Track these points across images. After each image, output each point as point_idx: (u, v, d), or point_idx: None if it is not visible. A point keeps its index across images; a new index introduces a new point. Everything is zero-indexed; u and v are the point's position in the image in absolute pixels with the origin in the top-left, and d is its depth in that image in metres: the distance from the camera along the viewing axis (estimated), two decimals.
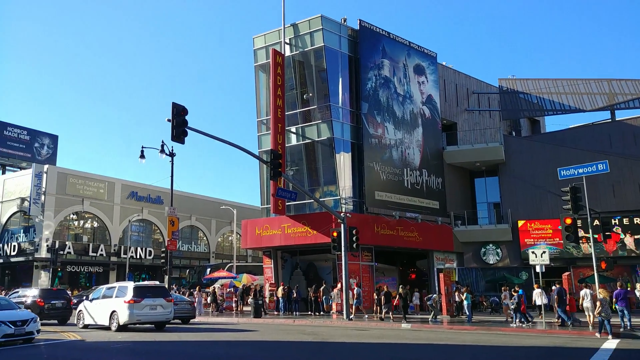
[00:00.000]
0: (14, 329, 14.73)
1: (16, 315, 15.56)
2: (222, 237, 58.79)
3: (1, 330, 14.52)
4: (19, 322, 15.02)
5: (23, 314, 15.94)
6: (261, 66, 32.90)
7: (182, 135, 18.99)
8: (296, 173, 31.49)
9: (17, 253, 42.36)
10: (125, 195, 48.04)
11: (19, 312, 16.26)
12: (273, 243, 30.17)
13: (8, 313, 15.57)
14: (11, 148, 53.57)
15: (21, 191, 43.35)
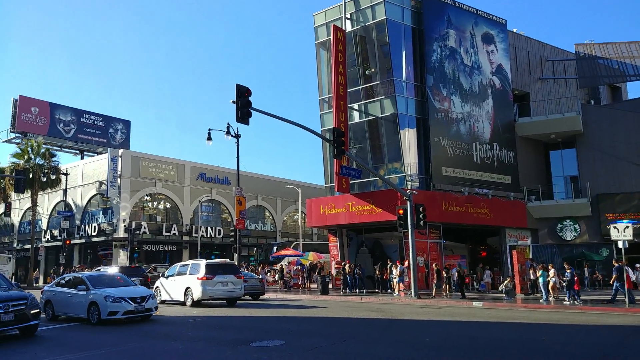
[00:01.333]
0: (134, 306, 14.78)
1: (135, 291, 15.53)
2: (288, 216, 59.62)
3: (122, 307, 14.61)
4: (139, 299, 15.02)
5: (141, 291, 15.89)
6: (322, 44, 32.54)
7: (246, 116, 19.14)
8: (360, 151, 31.11)
9: (97, 233, 44.94)
10: (194, 176, 49.62)
11: (136, 288, 16.18)
12: (338, 221, 30.11)
13: (127, 289, 15.55)
14: (88, 134, 56.66)
15: (99, 175, 45.75)
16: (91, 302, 14.93)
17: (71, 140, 55.49)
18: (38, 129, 52.53)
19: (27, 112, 52.18)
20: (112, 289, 15.37)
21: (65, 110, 55.47)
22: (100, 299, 14.79)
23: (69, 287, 16.11)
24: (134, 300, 14.88)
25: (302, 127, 21.82)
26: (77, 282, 15.93)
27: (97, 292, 15.02)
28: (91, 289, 15.25)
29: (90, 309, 14.94)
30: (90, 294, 15.09)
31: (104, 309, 14.61)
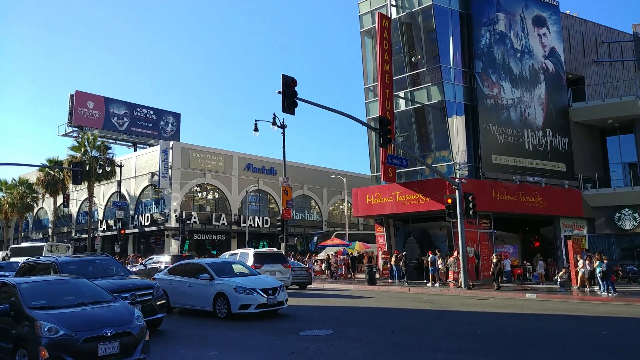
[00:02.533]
0: (267, 298, 13.27)
1: (265, 282, 14.10)
2: (334, 206, 59.70)
3: (254, 300, 13.07)
4: (270, 290, 13.51)
5: (271, 281, 14.42)
6: (367, 32, 32.19)
7: (292, 107, 19.19)
8: (406, 139, 30.69)
9: (150, 223, 46.45)
10: (242, 167, 50.38)
11: (265, 278, 14.84)
12: (384, 211, 29.89)
13: (255, 279, 14.11)
14: (140, 127, 58.49)
15: (151, 166, 47.18)
16: (218, 293, 13.39)
17: (125, 133, 57.45)
18: (94, 122, 54.63)
19: (83, 106, 54.31)
20: (239, 278, 13.94)
21: (119, 104, 57.43)
22: (229, 290, 13.24)
23: (187, 276, 14.53)
24: (266, 292, 13.34)
25: (348, 116, 21.71)
26: (198, 270, 14.36)
27: (225, 282, 13.50)
28: (216, 278, 13.72)
29: (217, 301, 13.42)
30: (216, 283, 13.55)
31: (234, 301, 13.06)
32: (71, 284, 9.18)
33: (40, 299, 8.24)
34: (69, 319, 7.72)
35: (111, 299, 8.85)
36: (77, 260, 13.07)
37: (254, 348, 9.82)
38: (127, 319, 8.04)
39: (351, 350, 9.32)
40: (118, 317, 8.05)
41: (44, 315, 7.69)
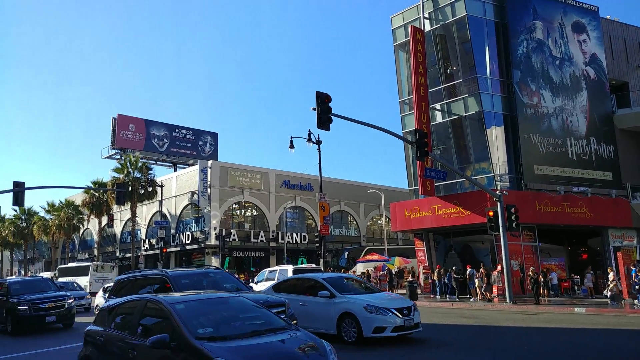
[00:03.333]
0: (403, 320, 11.36)
1: (394, 300, 12.31)
2: (372, 221, 59.28)
3: (390, 321, 11.20)
4: (405, 310, 11.59)
5: (401, 299, 12.55)
6: (400, 45, 32.13)
7: (327, 122, 19.21)
8: (444, 152, 30.29)
9: (190, 241, 47.21)
10: (278, 184, 50.76)
11: (391, 295, 13.41)
12: (424, 225, 29.45)
13: (381, 296, 12.37)
14: (180, 147, 59.85)
15: (190, 185, 48.10)
16: (344, 313, 11.50)
17: (165, 154, 58.88)
18: (135, 144, 56.25)
19: (125, 129, 56.04)
20: (364, 295, 12.17)
21: (159, 126, 58.99)
22: (358, 310, 11.28)
23: (298, 293, 12.67)
24: (401, 312, 11.44)
25: (383, 130, 21.60)
26: (313, 287, 12.54)
27: (351, 300, 11.70)
28: (337, 295, 11.93)
29: (343, 323, 11.50)
30: (339, 302, 11.71)
31: (366, 323, 11.10)
32: (231, 304, 6.98)
33: (205, 325, 6.14)
34: (255, 356, 5.53)
35: (284, 325, 6.53)
36: (189, 273, 11.72)
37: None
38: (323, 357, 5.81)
39: None
40: (316, 356, 5.77)
41: (221, 351, 5.50)
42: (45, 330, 16.68)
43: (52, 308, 16.72)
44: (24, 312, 16.19)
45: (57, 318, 16.78)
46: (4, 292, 17.31)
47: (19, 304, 16.28)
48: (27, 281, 19.87)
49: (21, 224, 68.06)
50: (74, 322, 17.62)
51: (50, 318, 16.60)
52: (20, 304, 16.30)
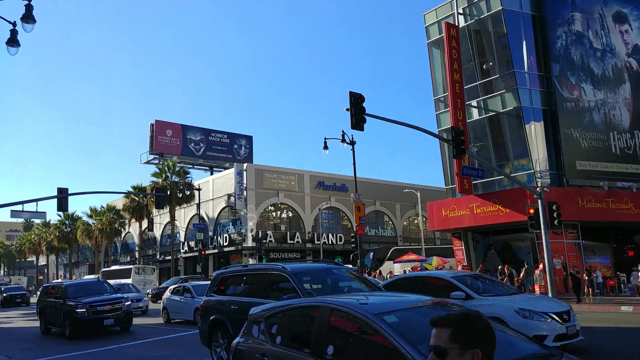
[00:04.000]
0: (565, 326, 9.46)
1: (548, 303, 10.48)
2: (408, 221, 58.74)
3: (551, 328, 9.31)
4: (565, 315, 9.68)
5: (553, 302, 10.66)
6: (434, 42, 31.76)
7: (361, 123, 19.09)
8: (481, 149, 29.75)
9: (228, 243, 47.85)
10: (313, 185, 50.89)
11: (543, 298, 11.92)
12: (462, 224, 28.98)
13: (532, 299, 10.83)
14: (215, 151, 60.80)
15: (226, 188, 48.77)
16: (490, 318, 7.08)
17: (201, 158, 59.93)
18: (172, 149, 57.43)
19: (163, 134, 57.28)
20: (509, 297, 10.50)
21: (195, 131, 60.07)
22: (508, 314, 9.27)
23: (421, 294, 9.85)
24: (561, 317, 9.51)
25: (418, 129, 21.34)
26: (440, 287, 10.60)
27: (496, 303, 9.86)
28: (476, 297, 10.11)
29: None
30: (480, 304, 9.52)
31: (523, 330, 8.41)
32: None
33: None
34: None
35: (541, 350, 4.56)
36: (311, 268, 10.07)
37: None
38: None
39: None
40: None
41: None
42: (103, 334, 16.53)
43: (110, 311, 16.46)
44: (82, 315, 15.90)
45: (115, 321, 16.51)
46: (61, 295, 17.10)
47: (76, 307, 16.00)
48: (83, 284, 19.53)
49: (65, 228, 70.50)
50: (131, 324, 17.38)
51: (109, 321, 16.32)
52: (78, 307, 16.00)
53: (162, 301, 20.99)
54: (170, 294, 20.36)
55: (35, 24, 13.93)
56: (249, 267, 11.06)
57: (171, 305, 19.81)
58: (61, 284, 18.69)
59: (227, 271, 10.98)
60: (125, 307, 16.91)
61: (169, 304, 20.04)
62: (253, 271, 10.41)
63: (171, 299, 20.03)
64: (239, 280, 10.42)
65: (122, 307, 16.76)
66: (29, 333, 19.26)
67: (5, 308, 38.92)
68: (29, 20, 13.84)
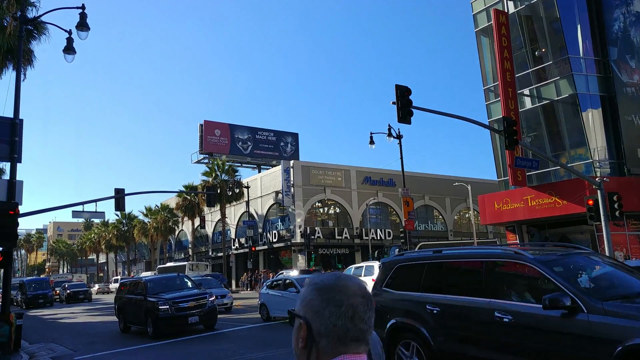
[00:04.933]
0: None
1: None
2: (459, 215, 57.62)
3: None
4: None
5: None
6: (482, 31, 30.87)
7: (407, 116, 18.81)
8: (535, 139, 28.72)
9: (277, 240, 48.42)
10: (360, 180, 50.70)
11: None
12: (516, 217, 28.09)
13: None
14: (262, 149, 61.60)
15: (274, 185, 49.32)
16: None
17: (249, 156, 60.87)
18: (221, 148, 58.58)
19: (211, 134, 58.52)
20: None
21: (243, 130, 61.05)
22: None
23: None
24: None
25: (468, 120, 20.82)
26: None
27: None
28: None
29: None
30: None
31: None
32: None
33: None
34: None
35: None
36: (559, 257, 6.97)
37: None
38: None
39: None
40: None
41: None
42: (188, 332, 15.54)
43: (194, 307, 15.26)
44: (164, 312, 14.80)
45: (199, 318, 15.39)
46: (141, 291, 16.08)
47: (159, 304, 14.91)
48: (164, 279, 17.99)
49: (123, 227, 73.35)
50: (216, 322, 16.27)
51: (193, 319, 15.17)
52: (160, 304, 14.90)
53: (259, 297, 19.60)
54: (269, 289, 18.77)
55: (89, 31, 14.47)
56: (450, 253, 8.15)
57: (271, 302, 18.00)
58: (140, 279, 17.87)
59: (409, 258, 8.56)
60: (210, 303, 15.81)
61: (268, 299, 18.34)
62: (461, 259, 7.86)
63: (271, 295, 18.35)
64: (431, 271, 7.87)
65: (207, 304, 15.64)
66: (92, 328, 20.14)
67: (69, 304, 40.89)
68: (84, 28, 14.39)
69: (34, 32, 20.98)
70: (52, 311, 33.17)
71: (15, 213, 12.93)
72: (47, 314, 30.22)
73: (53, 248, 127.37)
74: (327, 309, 1.47)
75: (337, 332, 1.46)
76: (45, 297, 39.72)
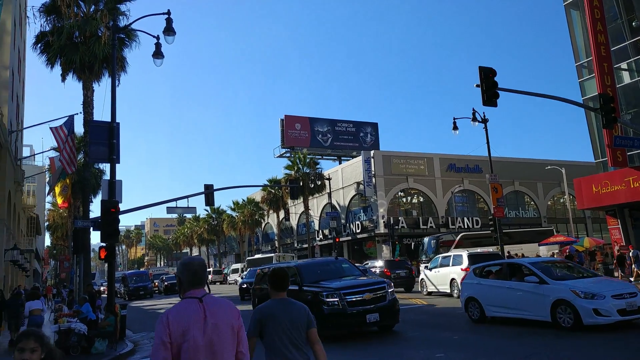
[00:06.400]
0: (625, 303, 10.46)
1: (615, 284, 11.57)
2: (552, 200, 54.57)
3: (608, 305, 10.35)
4: (627, 295, 10.59)
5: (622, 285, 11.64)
6: (572, 4, 28.84)
7: (493, 98, 18.04)
8: (636, 116, 26.46)
9: (360, 230, 48.45)
10: (444, 168, 49.43)
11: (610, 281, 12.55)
12: (616, 200, 26.09)
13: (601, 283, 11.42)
14: (342, 140, 61.79)
15: (355, 176, 49.31)
16: None
17: (329, 148, 61.32)
18: (302, 142, 59.48)
19: (292, 128, 59.56)
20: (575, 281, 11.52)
21: (322, 122, 61.59)
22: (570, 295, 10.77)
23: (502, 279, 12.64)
24: (620, 296, 10.57)
25: (560, 99, 19.55)
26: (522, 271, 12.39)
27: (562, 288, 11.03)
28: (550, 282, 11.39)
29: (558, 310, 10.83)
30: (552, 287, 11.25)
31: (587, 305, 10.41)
32: None
33: None
34: None
35: None
36: None
37: None
38: None
39: None
40: None
41: None
42: (360, 335, 11.85)
43: (371, 301, 11.26)
44: (332, 307, 11.00)
45: (379, 316, 11.29)
46: (294, 279, 12.12)
47: (324, 295, 11.19)
48: (319, 263, 14.11)
49: (213, 222, 76.79)
50: (397, 321, 12.14)
51: (372, 316, 11.11)
52: (326, 295, 11.17)
53: (461, 287, 14.98)
54: (478, 277, 13.43)
55: (175, 35, 15.17)
56: None
57: (486, 294, 12.73)
58: (289, 264, 14.10)
59: None
60: (390, 295, 11.73)
61: (481, 291, 12.97)
62: None
63: (483, 285, 13.01)
64: None
65: (386, 296, 11.58)
66: None
67: (167, 295, 43.54)
68: (170, 33, 15.11)
69: (125, 39, 22.40)
70: (152, 302, 35.46)
71: (116, 210, 13.90)
72: (148, 305, 32.32)
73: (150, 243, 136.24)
74: (184, 271, 3.27)
75: (188, 280, 3.25)
76: (146, 289, 42.49)
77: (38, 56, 23.34)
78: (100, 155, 14.76)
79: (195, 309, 3.09)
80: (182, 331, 3.00)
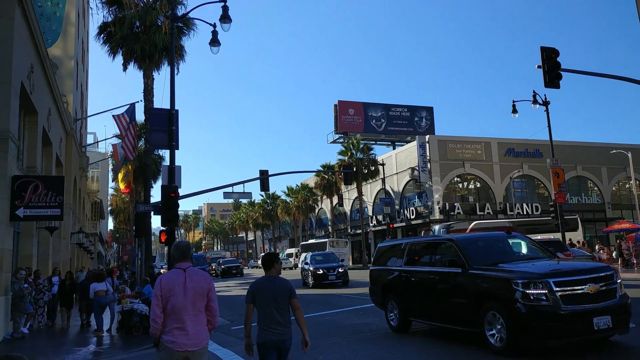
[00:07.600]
0: None
1: None
2: (617, 185, 51.86)
3: None
4: None
5: None
6: None
7: (556, 80, 17.31)
8: None
9: (415, 216, 47.88)
10: (502, 153, 47.93)
11: None
12: None
13: None
14: (396, 125, 61.04)
15: (410, 162, 48.65)
16: None
17: (383, 133, 60.77)
18: (355, 127, 59.23)
19: (345, 114, 59.37)
20: None
21: (376, 107, 61.02)
22: None
23: None
24: None
25: (628, 80, 18.43)
26: None
27: None
28: None
29: None
30: None
31: None
32: None
33: None
34: None
35: None
36: None
37: None
38: None
39: None
40: None
41: None
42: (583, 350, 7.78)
43: (596, 296, 7.40)
44: (536, 302, 7.27)
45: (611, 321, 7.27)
46: (454, 259, 8.76)
47: (518, 284, 7.44)
48: (484, 239, 9.89)
49: (267, 207, 78.22)
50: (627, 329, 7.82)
51: (602, 320, 7.18)
52: (521, 284, 7.41)
53: None
54: None
55: (231, 23, 15.38)
56: None
57: None
58: (436, 238, 11.50)
59: None
60: (619, 289, 7.80)
61: None
62: None
63: None
64: None
65: (616, 291, 7.68)
66: None
67: (224, 278, 44.83)
68: (226, 20, 15.32)
69: (183, 28, 22.97)
70: None
71: (176, 195, 14.37)
72: None
73: (207, 227, 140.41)
74: (176, 250, 4.78)
75: (178, 256, 4.74)
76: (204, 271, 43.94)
77: (101, 46, 24.36)
78: (160, 141, 15.23)
79: (179, 276, 4.57)
80: (169, 289, 4.49)
